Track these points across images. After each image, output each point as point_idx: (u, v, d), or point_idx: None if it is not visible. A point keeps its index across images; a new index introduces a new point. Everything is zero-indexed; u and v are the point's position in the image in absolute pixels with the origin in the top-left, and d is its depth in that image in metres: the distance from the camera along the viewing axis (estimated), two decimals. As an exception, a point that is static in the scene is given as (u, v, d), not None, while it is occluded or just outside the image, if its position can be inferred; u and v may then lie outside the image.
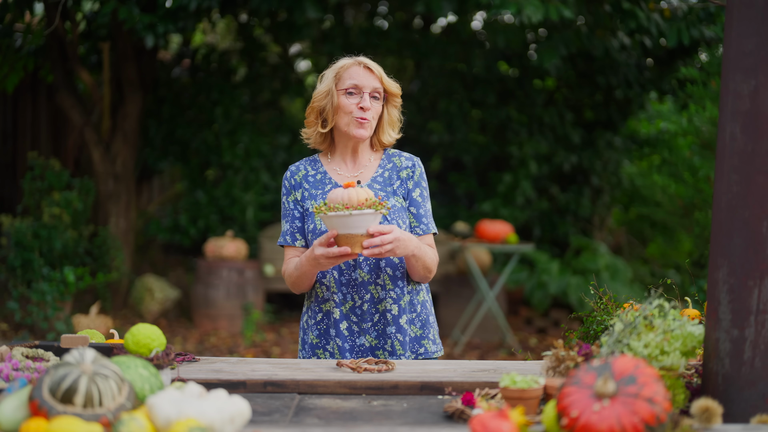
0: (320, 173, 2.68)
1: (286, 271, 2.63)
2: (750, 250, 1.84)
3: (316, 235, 2.61)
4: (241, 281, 7.41)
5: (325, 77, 2.64)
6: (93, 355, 1.73)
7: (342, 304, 2.63)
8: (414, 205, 2.67)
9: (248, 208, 8.00)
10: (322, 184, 2.66)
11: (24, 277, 6.47)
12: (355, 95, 2.59)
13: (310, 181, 2.67)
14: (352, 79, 2.59)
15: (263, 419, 1.92)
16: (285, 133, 8.47)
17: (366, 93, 2.59)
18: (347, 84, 2.59)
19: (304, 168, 2.69)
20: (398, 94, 2.66)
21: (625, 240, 9.16)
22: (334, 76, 2.61)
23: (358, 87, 2.59)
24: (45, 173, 6.82)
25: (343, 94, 2.59)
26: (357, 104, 2.58)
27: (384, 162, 2.70)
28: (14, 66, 6.68)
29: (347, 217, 2.32)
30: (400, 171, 2.68)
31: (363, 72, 2.60)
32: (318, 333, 2.66)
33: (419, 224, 2.67)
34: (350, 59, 2.64)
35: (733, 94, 1.86)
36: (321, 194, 2.63)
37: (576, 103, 8.74)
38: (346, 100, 2.59)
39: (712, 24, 6.69)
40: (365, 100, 2.58)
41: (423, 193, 2.69)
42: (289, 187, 2.67)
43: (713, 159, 5.70)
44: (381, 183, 2.66)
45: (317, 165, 2.70)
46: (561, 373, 2.04)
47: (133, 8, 6.06)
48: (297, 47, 9.49)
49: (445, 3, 6.53)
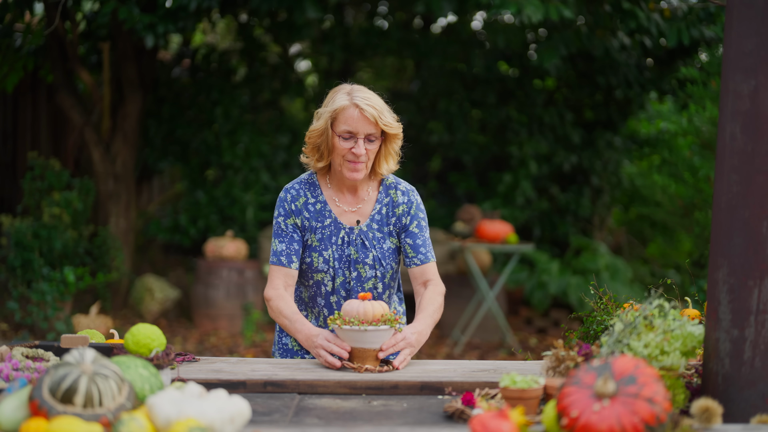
0: (320, 202, 2.63)
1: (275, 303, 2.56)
2: (750, 250, 1.84)
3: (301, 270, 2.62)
4: (241, 281, 7.41)
5: (322, 115, 2.57)
6: (93, 355, 1.73)
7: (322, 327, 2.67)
8: (411, 236, 2.66)
9: (248, 208, 8.00)
10: (322, 216, 2.62)
11: (24, 277, 6.47)
12: (348, 140, 2.53)
13: (311, 210, 2.63)
14: (347, 125, 2.52)
15: (263, 419, 1.92)
16: (285, 133, 8.47)
17: (360, 139, 2.53)
18: (341, 129, 2.53)
19: (304, 194, 2.63)
20: (397, 134, 2.60)
21: (625, 240, 9.16)
22: (330, 116, 2.54)
23: (352, 133, 2.53)
24: (45, 173, 6.82)
25: (337, 137, 2.54)
26: (350, 149, 2.54)
27: (381, 196, 2.67)
28: (14, 66, 6.68)
29: (362, 332, 2.32)
30: (396, 207, 2.66)
31: (358, 117, 2.51)
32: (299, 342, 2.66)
33: (417, 254, 2.65)
34: (347, 99, 2.54)
35: (733, 94, 1.86)
36: (321, 227, 2.61)
37: (576, 103, 8.74)
38: (340, 143, 2.54)
39: (712, 24, 6.69)
40: (359, 146, 2.53)
41: (420, 224, 2.67)
42: (289, 210, 2.62)
43: (713, 159, 5.70)
44: (378, 222, 2.65)
45: (316, 191, 2.65)
46: (561, 373, 2.04)
47: (133, 8, 6.06)
48: (297, 47, 9.49)
49: (445, 3, 6.53)
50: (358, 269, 2.62)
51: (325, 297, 2.63)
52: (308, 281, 2.64)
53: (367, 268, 2.62)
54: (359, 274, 2.62)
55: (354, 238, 2.62)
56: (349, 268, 2.62)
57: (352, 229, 2.62)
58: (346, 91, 2.58)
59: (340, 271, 2.61)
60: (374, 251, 2.62)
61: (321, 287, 2.62)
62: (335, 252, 2.60)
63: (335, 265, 2.60)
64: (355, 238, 2.62)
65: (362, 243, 2.62)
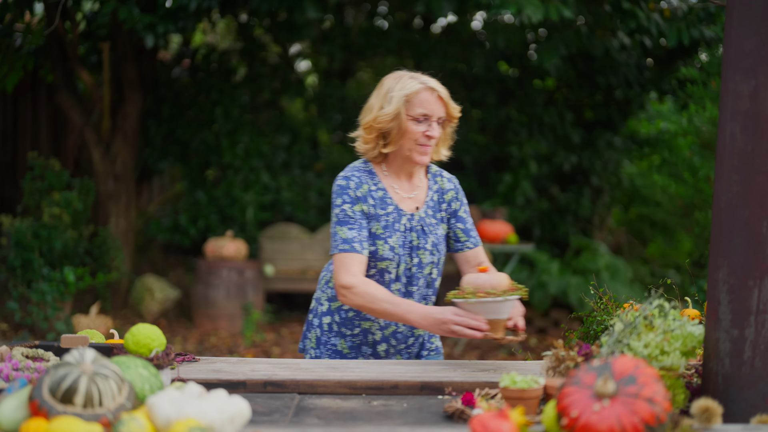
0: (380, 189, 2.62)
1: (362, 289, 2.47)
2: (750, 250, 1.84)
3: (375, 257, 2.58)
4: (241, 281, 7.41)
5: (393, 99, 2.56)
6: (93, 355, 1.73)
7: (385, 328, 2.67)
8: (461, 221, 2.72)
9: (248, 208, 8.00)
10: (384, 203, 2.61)
11: (24, 277, 6.47)
12: (423, 123, 2.55)
13: (374, 197, 2.61)
14: (423, 108, 2.55)
15: (263, 419, 1.92)
16: (285, 133, 8.47)
17: (434, 122, 2.56)
18: (417, 111, 2.54)
19: (365, 181, 2.61)
20: (458, 116, 2.64)
21: (625, 240, 9.16)
22: (404, 101, 2.55)
23: (428, 115, 2.55)
24: (45, 173, 6.82)
25: (411, 120, 2.55)
26: (424, 132, 2.55)
27: (431, 183, 2.71)
28: (14, 66, 6.68)
29: (500, 303, 2.31)
30: (445, 194, 2.71)
31: (434, 100, 2.56)
32: (351, 344, 2.68)
33: (469, 238, 2.72)
34: (418, 83, 2.57)
35: (733, 94, 1.86)
36: (384, 215, 2.60)
37: (576, 103, 8.74)
38: (414, 126, 2.55)
39: (712, 24, 6.68)
40: (434, 128, 2.56)
41: (466, 209, 2.75)
42: (354, 197, 2.57)
43: (713, 159, 5.70)
44: (432, 209, 2.68)
45: (375, 178, 2.63)
46: (561, 373, 2.04)
47: (133, 8, 6.06)
48: (297, 47, 9.49)
49: (445, 3, 6.53)
50: (420, 255, 2.63)
51: (388, 285, 2.61)
52: (370, 270, 2.61)
53: (427, 254, 2.64)
54: (420, 260, 2.63)
55: (415, 224, 2.63)
56: (410, 254, 2.62)
57: (413, 216, 2.63)
58: (409, 76, 2.59)
59: (403, 257, 2.61)
60: (432, 237, 2.65)
61: (384, 275, 2.60)
62: (399, 239, 2.60)
63: (400, 252, 2.60)
64: (416, 224, 2.63)
65: (422, 229, 2.64)
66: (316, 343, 2.73)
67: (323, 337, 2.72)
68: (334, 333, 2.70)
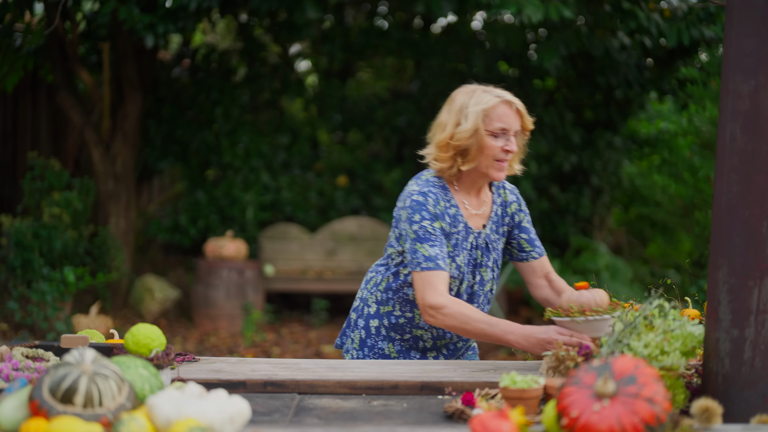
0: (453, 206, 2.54)
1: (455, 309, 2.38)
2: (750, 250, 1.84)
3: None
4: (241, 281, 7.41)
5: (470, 115, 2.49)
6: (93, 355, 1.73)
7: (438, 339, 2.63)
8: (525, 231, 2.69)
9: (248, 208, 8.00)
10: (456, 221, 2.54)
11: (24, 277, 6.47)
12: (500, 137, 2.50)
13: (449, 214, 2.53)
14: (501, 122, 2.49)
15: (263, 419, 1.92)
16: (285, 133, 8.47)
17: (512, 136, 2.51)
18: (495, 126, 2.48)
19: (441, 198, 2.52)
20: (532, 128, 2.59)
21: (625, 240, 9.16)
22: (482, 116, 2.48)
23: (506, 130, 2.50)
24: (45, 173, 6.82)
25: (489, 135, 2.49)
26: (503, 147, 2.49)
27: (495, 197, 2.66)
28: (14, 66, 6.68)
29: (603, 321, 2.28)
30: (508, 206, 2.67)
31: (512, 113, 2.51)
32: (399, 348, 2.64)
33: (534, 248, 2.69)
34: (494, 97, 2.51)
35: (733, 94, 1.86)
36: (455, 233, 2.53)
37: (576, 103, 8.74)
38: (492, 142, 2.49)
39: (712, 24, 6.68)
40: (512, 143, 2.51)
41: (529, 219, 2.71)
42: (434, 214, 2.49)
43: (713, 159, 5.70)
44: (495, 224, 2.64)
45: (448, 194, 2.55)
46: (561, 373, 2.05)
47: (133, 8, 6.05)
48: (297, 47, 9.49)
49: (445, 3, 6.53)
50: (482, 273, 2.59)
51: None
52: None
53: (488, 271, 2.61)
54: (482, 277, 2.60)
55: (480, 242, 2.59)
56: (474, 271, 2.58)
57: (479, 233, 2.59)
58: (482, 90, 2.54)
59: (467, 276, 2.56)
60: (494, 253, 2.61)
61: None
62: (465, 257, 2.55)
63: (465, 270, 2.55)
64: (482, 241, 2.59)
65: (486, 246, 2.60)
66: (359, 344, 2.68)
67: (369, 339, 2.67)
68: (382, 337, 2.65)
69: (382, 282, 2.65)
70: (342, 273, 8.06)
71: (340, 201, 8.38)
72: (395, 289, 2.62)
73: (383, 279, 2.65)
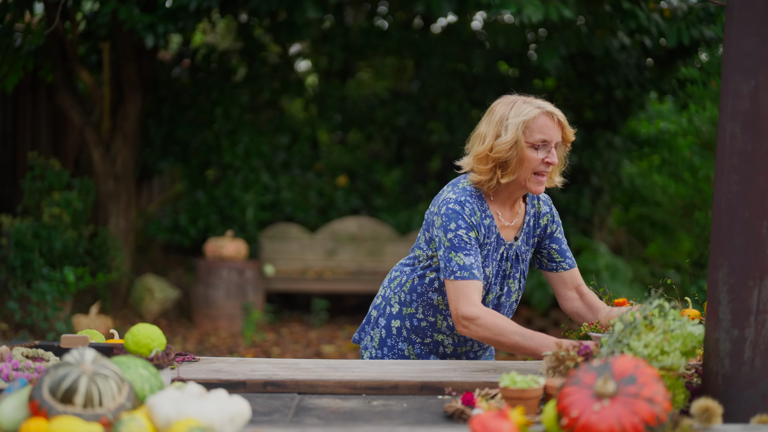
0: (488, 217, 2.50)
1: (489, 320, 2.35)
2: (750, 250, 1.84)
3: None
4: (241, 281, 7.41)
5: (509, 126, 2.43)
6: (93, 355, 1.73)
7: (459, 345, 2.63)
8: (556, 242, 2.66)
9: (248, 208, 8.00)
10: (490, 232, 2.50)
11: (24, 277, 6.47)
12: (541, 149, 2.45)
13: (484, 224, 2.49)
14: (542, 134, 2.44)
15: (263, 419, 1.92)
16: (285, 133, 8.47)
17: (552, 148, 2.47)
18: (536, 138, 2.44)
19: (477, 208, 2.48)
20: (573, 139, 2.53)
21: (625, 240, 9.16)
22: (523, 127, 2.43)
23: (547, 142, 2.45)
24: (45, 173, 6.82)
25: (529, 147, 2.44)
26: (543, 159, 2.45)
27: (528, 208, 2.62)
28: (14, 66, 6.68)
29: None
30: (541, 218, 2.64)
31: (553, 125, 2.46)
32: (419, 351, 2.63)
33: (564, 258, 2.66)
34: (535, 108, 2.46)
35: (733, 94, 1.86)
36: (488, 243, 2.50)
37: (576, 103, 8.74)
38: (533, 154, 2.44)
39: (712, 24, 6.68)
40: (553, 155, 2.46)
41: (561, 230, 2.68)
42: (470, 223, 2.44)
43: (713, 159, 5.70)
44: (527, 235, 2.60)
45: (483, 205, 2.50)
46: (561, 373, 2.04)
47: (133, 8, 6.05)
48: (297, 47, 9.49)
49: (445, 3, 6.53)
50: (508, 284, 2.58)
51: None
52: None
53: (515, 283, 2.59)
54: (509, 288, 2.58)
55: (511, 254, 2.56)
56: (501, 283, 2.56)
57: (510, 245, 2.56)
58: (522, 101, 2.49)
59: (494, 287, 2.55)
60: (522, 265, 2.59)
61: None
62: (494, 268, 2.53)
63: (492, 280, 2.53)
64: (512, 253, 2.56)
65: (515, 257, 2.57)
66: (379, 343, 2.67)
67: (389, 339, 2.65)
68: (402, 338, 2.64)
69: (407, 283, 2.62)
70: (342, 273, 8.06)
71: (340, 201, 8.38)
72: (420, 292, 2.59)
73: (408, 280, 2.61)
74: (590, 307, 2.61)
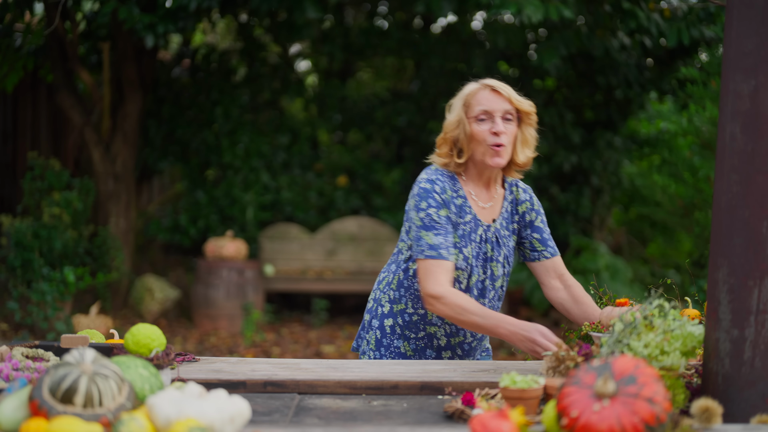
0: (461, 197, 2.54)
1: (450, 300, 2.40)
2: (750, 250, 1.84)
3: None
4: (241, 281, 7.41)
5: (454, 106, 2.54)
6: (93, 355, 1.73)
7: (452, 336, 2.63)
8: (537, 231, 2.67)
9: (248, 208, 8.00)
10: (463, 212, 2.53)
11: (24, 277, 6.47)
12: (486, 121, 2.48)
13: (455, 204, 2.52)
14: (481, 105, 2.49)
15: (263, 419, 1.92)
16: (285, 133, 8.47)
17: (497, 116, 2.48)
18: (477, 111, 2.48)
19: (448, 186, 2.52)
20: (532, 111, 2.54)
21: (625, 240, 9.16)
22: (463, 104, 2.52)
23: (488, 112, 2.48)
24: (45, 173, 6.82)
25: (474, 122, 2.49)
26: (490, 130, 2.47)
27: (507, 193, 2.64)
28: (14, 66, 6.68)
29: None
30: (520, 205, 2.66)
31: (491, 95, 2.50)
32: (415, 347, 2.65)
33: (546, 247, 2.67)
34: (476, 84, 2.54)
35: (733, 94, 1.86)
36: (462, 224, 2.53)
37: (576, 103, 8.74)
38: (478, 127, 2.48)
39: (712, 24, 6.68)
40: (498, 124, 2.47)
41: (543, 219, 2.69)
42: (441, 201, 2.49)
43: (713, 159, 5.70)
44: (506, 220, 2.63)
45: (456, 184, 2.54)
46: (561, 373, 2.04)
47: (133, 8, 6.05)
48: (297, 47, 9.49)
49: (445, 3, 6.53)
50: (492, 267, 2.59)
51: None
52: None
53: (499, 267, 2.60)
54: (492, 272, 2.60)
55: (490, 236, 2.58)
56: (484, 265, 2.57)
57: (489, 227, 2.58)
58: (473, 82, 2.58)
59: (476, 269, 2.55)
60: (505, 249, 2.61)
61: (455, 285, 2.53)
62: (473, 249, 2.54)
63: (473, 262, 2.54)
64: (491, 235, 2.58)
65: (496, 241, 2.59)
66: (375, 345, 2.68)
67: (385, 339, 2.66)
68: (397, 335, 2.65)
69: (394, 280, 2.65)
70: (342, 273, 8.06)
71: (340, 201, 8.38)
72: (407, 286, 2.61)
73: (395, 277, 2.64)
74: (576, 300, 2.63)
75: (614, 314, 2.33)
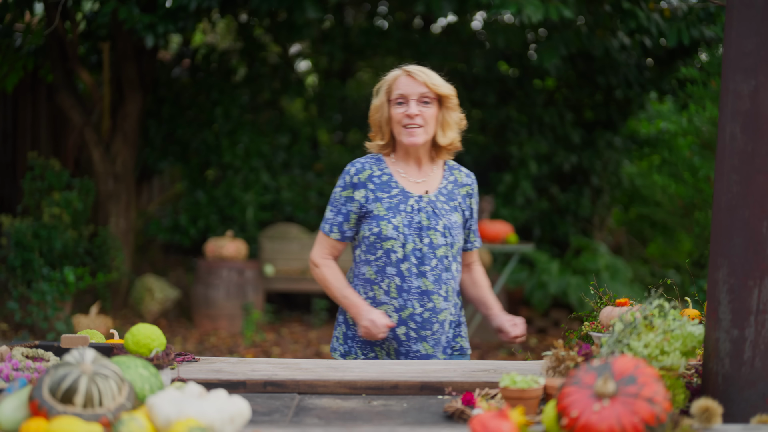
0: (386, 174, 2.73)
1: (321, 271, 2.76)
2: (750, 250, 1.84)
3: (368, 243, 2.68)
4: (241, 281, 7.41)
5: (379, 91, 2.73)
6: (93, 355, 1.73)
7: (400, 310, 2.68)
8: (473, 222, 2.85)
9: (248, 208, 8.00)
10: (388, 187, 2.71)
11: (24, 277, 6.47)
12: (403, 104, 2.68)
13: (376, 182, 2.71)
14: (398, 89, 2.68)
15: (263, 419, 1.92)
16: (285, 133, 8.47)
17: (412, 100, 2.67)
18: (395, 95, 2.68)
19: (370, 167, 2.73)
20: (451, 95, 2.73)
21: (625, 240, 9.16)
22: (385, 89, 2.71)
23: (404, 96, 2.68)
24: (45, 173, 6.82)
25: (393, 105, 2.69)
26: (404, 112, 2.67)
27: (447, 174, 2.81)
28: (14, 66, 6.68)
29: None
30: (461, 188, 2.81)
31: (407, 80, 2.68)
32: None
33: (476, 239, 2.88)
34: (398, 70, 2.72)
35: (733, 94, 1.86)
36: (387, 197, 2.69)
37: (576, 103, 8.74)
38: (395, 110, 2.68)
39: (712, 24, 6.68)
40: (411, 107, 2.66)
41: (475, 210, 2.85)
42: (349, 183, 2.71)
43: (713, 159, 5.70)
44: (445, 196, 2.76)
45: (381, 165, 2.75)
46: (561, 373, 2.04)
47: (133, 8, 6.05)
48: (297, 47, 9.49)
49: (445, 3, 6.53)
50: (430, 236, 2.68)
51: (396, 265, 2.66)
52: (376, 252, 2.68)
53: (438, 236, 2.68)
54: (431, 240, 2.68)
55: (424, 206, 2.70)
56: (420, 234, 2.67)
57: (421, 198, 2.71)
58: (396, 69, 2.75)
59: (410, 237, 2.66)
60: (444, 220, 2.70)
61: (391, 255, 2.66)
62: (404, 219, 2.67)
63: (405, 231, 2.66)
64: (425, 205, 2.70)
65: (432, 211, 2.71)
66: (343, 338, 2.78)
67: (350, 331, 2.77)
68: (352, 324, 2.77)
69: (350, 272, 2.84)
70: (342, 273, 8.05)
71: (340, 201, 8.38)
72: (356, 273, 2.79)
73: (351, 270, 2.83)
74: (474, 282, 2.92)
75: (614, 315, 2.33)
